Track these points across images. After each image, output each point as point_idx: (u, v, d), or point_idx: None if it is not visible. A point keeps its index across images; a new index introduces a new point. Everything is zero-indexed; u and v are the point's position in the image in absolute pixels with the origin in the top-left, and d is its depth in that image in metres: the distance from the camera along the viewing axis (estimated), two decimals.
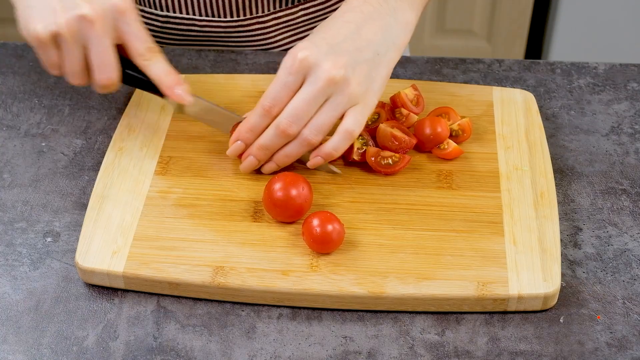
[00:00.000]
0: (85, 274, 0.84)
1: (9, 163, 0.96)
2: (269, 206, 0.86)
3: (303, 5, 1.15)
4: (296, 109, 0.86)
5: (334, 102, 0.86)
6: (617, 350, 0.79)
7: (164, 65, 0.91)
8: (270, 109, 0.87)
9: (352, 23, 0.89)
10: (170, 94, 0.91)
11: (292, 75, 0.86)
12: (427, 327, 0.81)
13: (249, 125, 0.89)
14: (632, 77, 1.07)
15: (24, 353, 0.79)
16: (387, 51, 0.89)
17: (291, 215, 0.86)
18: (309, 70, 0.86)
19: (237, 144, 0.90)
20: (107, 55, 0.88)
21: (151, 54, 0.90)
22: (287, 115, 0.86)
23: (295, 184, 0.85)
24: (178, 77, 0.91)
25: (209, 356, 0.79)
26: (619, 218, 0.90)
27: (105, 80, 0.89)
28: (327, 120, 0.87)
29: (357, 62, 0.87)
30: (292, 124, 0.86)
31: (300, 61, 0.86)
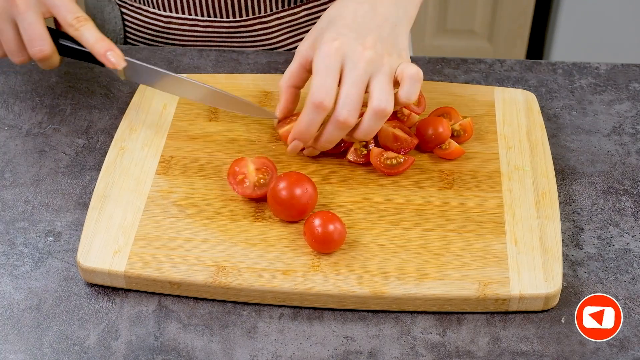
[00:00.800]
0: (87, 274, 0.84)
1: (10, 162, 0.97)
2: (273, 205, 0.86)
3: (305, 6, 1.15)
4: (350, 98, 0.86)
5: (381, 73, 0.87)
6: (619, 351, 0.79)
7: (93, 33, 0.93)
8: (323, 101, 0.86)
9: (365, 3, 0.90)
10: (103, 60, 0.93)
11: (332, 61, 0.87)
12: (429, 327, 0.81)
13: (305, 124, 0.88)
14: (633, 78, 1.07)
15: (26, 352, 0.79)
16: (401, 22, 0.91)
17: (295, 214, 0.86)
18: (345, 57, 0.87)
19: (295, 143, 0.91)
20: (35, 28, 0.91)
21: (80, 23, 0.92)
22: (344, 106, 0.86)
23: (299, 184, 0.85)
24: (109, 43, 0.93)
25: (210, 356, 0.79)
26: (620, 218, 0.90)
27: (38, 53, 0.92)
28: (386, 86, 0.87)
29: (382, 38, 0.88)
30: (351, 112, 0.86)
31: (336, 50, 0.87)
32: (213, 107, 0.98)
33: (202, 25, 1.14)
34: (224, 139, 0.96)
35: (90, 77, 1.07)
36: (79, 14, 0.93)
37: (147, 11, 1.15)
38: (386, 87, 0.87)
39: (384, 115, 0.87)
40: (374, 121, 0.87)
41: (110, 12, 1.18)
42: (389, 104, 0.86)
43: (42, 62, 0.94)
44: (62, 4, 0.92)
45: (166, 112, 0.99)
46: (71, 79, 1.07)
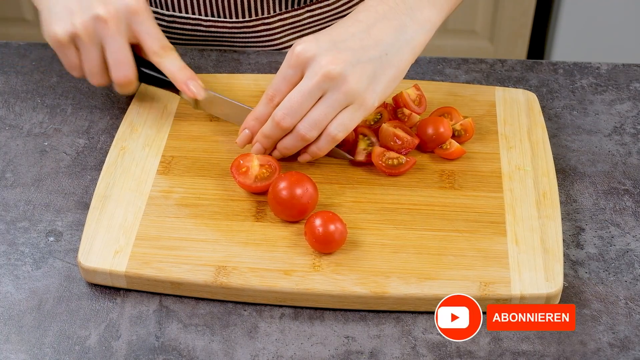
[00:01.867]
0: (88, 274, 0.84)
1: (11, 162, 0.97)
2: (274, 205, 0.86)
3: (309, 7, 1.15)
4: (290, 102, 0.86)
5: (330, 98, 0.85)
6: (620, 351, 0.79)
7: (177, 62, 0.94)
8: (272, 98, 0.88)
9: (362, 22, 0.88)
10: (183, 89, 0.94)
11: (291, 68, 0.86)
12: (430, 327, 0.81)
13: (255, 114, 0.90)
14: (634, 77, 1.07)
15: (26, 352, 0.79)
16: (398, 52, 0.87)
17: (296, 214, 0.86)
18: (307, 64, 0.86)
19: (244, 133, 0.92)
20: (122, 53, 0.92)
21: (164, 51, 0.94)
22: (282, 108, 0.87)
23: (300, 183, 0.85)
24: (191, 73, 0.95)
25: (211, 356, 0.79)
26: (621, 218, 0.90)
27: (122, 78, 0.93)
28: (321, 116, 0.86)
29: (359, 60, 0.85)
30: (286, 117, 0.86)
31: (297, 55, 0.86)
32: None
33: (205, 25, 1.14)
34: (225, 139, 0.96)
35: None
36: (165, 42, 0.94)
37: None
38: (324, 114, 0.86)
39: (302, 140, 0.88)
40: (292, 140, 0.88)
41: None
42: (311, 132, 0.87)
43: (121, 87, 0.94)
44: (150, 30, 0.93)
45: (167, 112, 0.99)
46: (72, 79, 1.07)
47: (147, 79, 0.97)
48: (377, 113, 0.96)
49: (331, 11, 1.17)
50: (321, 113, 0.86)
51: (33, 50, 1.12)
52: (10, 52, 1.11)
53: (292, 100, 0.86)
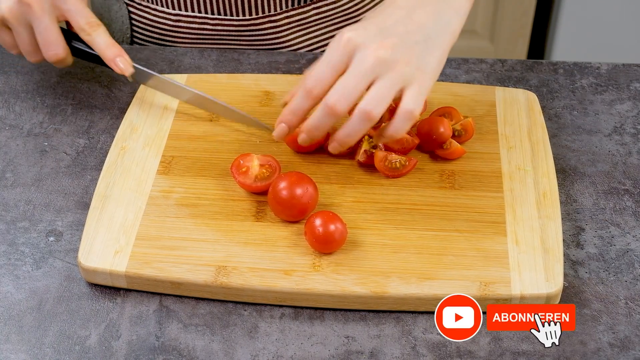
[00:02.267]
0: (88, 274, 0.84)
1: (11, 162, 0.97)
2: (274, 205, 0.86)
3: (315, 4, 1.15)
4: (345, 86, 0.83)
5: (386, 79, 0.83)
6: (620, 351, 0.79)
7: (104, 38, 0.96)
8: (312, 90, 0.84)
9: (403, 8, 0.87)
10: (112, 66, 0.96)
11: (339, 55, 0.84)
12: (430, 327, 0.81)
13: (292, 108, 0.87)
14: (634, 77, 1.07)
15: (27, 352, 0.79)
16: (439, 35, 0.87)
17: (296, 214, 0.86)
18: (355, 50, 0.84)
19: (281, 127, 0.88)
20: (49, 32, 0.95)
21: (91, 28, 0.96)
22: (335, 92, 0.83)
23: (300, 183, 0.85)
24: (118, 49, 0.97)
25: (211, 356, 0.79)
26: (621, 218, 0.90)
27: (52, 56, 0.96)
28: (382, 92, 0.83)
29: (406, 44, 0.85)
30: (341, 100, 0.83)
31: (347, 40, 0.84)
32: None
33: (211, 23, 1.14)
34: (225, 138, 0.96)
35: (91, 77, 1.08)
36: (91, 19, 0.96)
37: (156, 9, 1.15)
38: (383, 92, 0.83)
39: (368, 119, 0.83)
40: (357, 122, 0.84)
41: (118, 11, 1.18)
42: (377, 109, 0.83)
43: (56, 63, 0.97)
44: (76, 9, 0.95)
45: (167, 112, 0.99)
46: (72, 79, 1.07)
47: (80, 54, 0.99)
48: None
49: (337, 8, 1.17)
50: (381, 90, 0.83)
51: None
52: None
53: (346, 84, 0.83)
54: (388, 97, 0.83)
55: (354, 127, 0.84)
